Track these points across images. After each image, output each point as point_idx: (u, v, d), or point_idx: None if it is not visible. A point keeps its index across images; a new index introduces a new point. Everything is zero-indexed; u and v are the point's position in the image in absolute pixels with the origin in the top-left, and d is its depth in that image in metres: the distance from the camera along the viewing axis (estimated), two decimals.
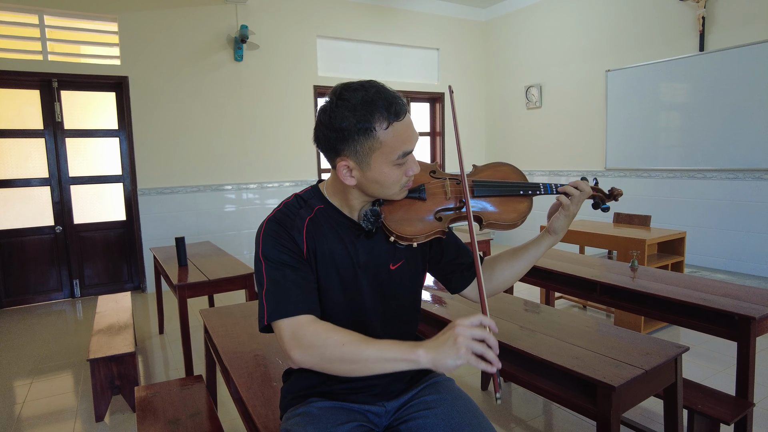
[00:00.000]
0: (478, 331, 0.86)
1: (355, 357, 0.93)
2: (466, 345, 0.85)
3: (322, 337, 0.96)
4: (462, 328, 0.87)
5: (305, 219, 1.07)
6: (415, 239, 1.06)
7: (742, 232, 4.32)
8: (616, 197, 1.24)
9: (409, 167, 1.03)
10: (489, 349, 0.85)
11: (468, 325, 0.87)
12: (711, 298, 1.98)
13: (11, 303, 4.50)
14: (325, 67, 5.74)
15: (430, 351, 0.88)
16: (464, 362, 0.85)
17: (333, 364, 0.95)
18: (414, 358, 0.89)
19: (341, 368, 0.95)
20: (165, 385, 1.95)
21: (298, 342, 0.97)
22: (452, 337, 0.87)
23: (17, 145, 4.45)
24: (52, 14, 4.41)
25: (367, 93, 0.96)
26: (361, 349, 0.93)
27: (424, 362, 0.88)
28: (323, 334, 0.96)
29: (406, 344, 0.92)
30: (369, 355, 0.92)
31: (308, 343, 0.96)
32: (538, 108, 6.19)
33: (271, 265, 1.03)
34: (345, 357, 0.93)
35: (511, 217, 1.14)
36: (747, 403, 1.83)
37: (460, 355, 0.85)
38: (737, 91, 4.22)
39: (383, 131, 0.96)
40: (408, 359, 0.90)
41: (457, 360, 0.85)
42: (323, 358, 0.95)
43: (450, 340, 0.86)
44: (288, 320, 0.99)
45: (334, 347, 0.94)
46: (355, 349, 0.93)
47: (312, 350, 0.96)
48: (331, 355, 0.94)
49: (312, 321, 1.00)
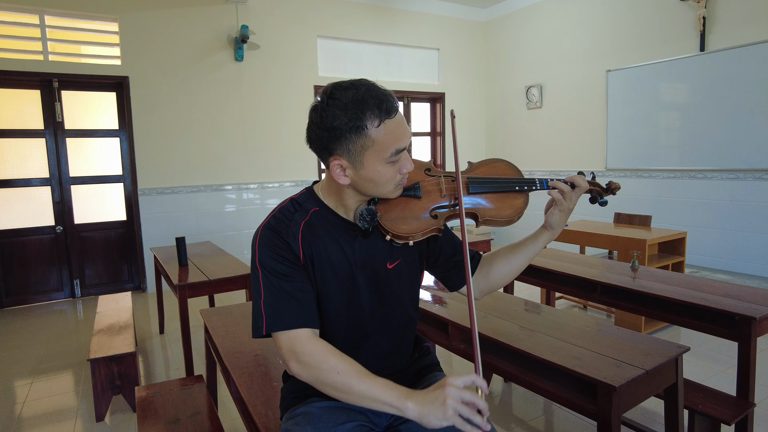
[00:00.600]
0: (468, 395, 0.86)
1: (346, 388, 0.95)
2: (454, 408, 0.85)
3: (318, 360, 0.97)
4: (452, 390, 0.86)
5: (300, 224, 1.06)
6: (411, 237, 1.06)
7: (742, 232, 4.32)
8: (614, 191, 1.23)
9: (402, 165, 1.03)
10: (477, 414, 0.85)
11: (459, 386, 0.87)
12: (712, 299, 1.98)
13: (12, 303, 4.50)
14: (326, 67, 5.74)
15: (419, 406, 0.89)
16: (450, 424, 0.85)
17: (325, 387, 0.98)
18: (402, 408, 0.90)
19: (332, 393, 0.98)
20: (165, 385, 1.95)
21: (295, 355, 0.99)
22: (442, 397, 0.87)
23: (18, 145, 4.45)
24: (52, 14, 4.41)
25: (357, 91, 0.96)
26: (354, 382, 0.94)
27: (411, 415, 0.89)
28: (320, 357, 0.98)
29: (397, 390, 0.92)
30: (359, 390, 0.94)
31: (305, 361, 0.98)
32: (538, 108, 6.19)
33: (268, 275, 1.03)
34: (337, 385, 0.96)
35: (507, 213, 1.14)
36: (748, 403, 1.82)
37: (447, 417, 0.85)
38: (738, 91, 4.21)
39: (375, 129, 0.96)
40: (395, 407, 0.91)
41: (443, 421, 0.86)
42: (317, 379, 0.98)
43: (439, 400, 0.87)
44: (286, 333, 1.00)
45: (328, 373, 0.96)
46: (347, 381, 0.95)
47: (308, 369, 0.98)
48: (324, 379, 0.97)
49: (310, 338, 1.00)
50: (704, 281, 2.25)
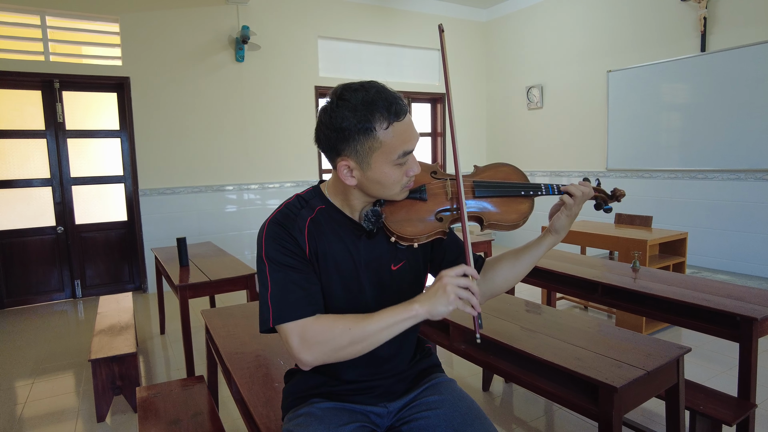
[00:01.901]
0: (463, 280, 0.96)
1: (363, 335, 0.98)
2: (455, 292, 0.95)
3: (328, 331, 0.99)
4: (449, 278, 0.96)
5: (306, 219, 1.07)
6: (416, 240, 1.06)
7: (743, 233, 4.31)
8: (619, 198, 1.23)
9: (409, 167, 1.03)
10: (473, 295, 0.95)
11: (454, 275, 0.97)
12: (713, 299, 1.97)
13: (13, 303, 4.51)
14: (326, 67, 5.74)
15: (425, 302, 0.97)
16: (454, 307, 0.95)
17: (345, 350, 0.99)
18: (413, 313, 0.97)
19: (353, 351, 1.00)
20: (166, 385, 1.95)
21: (306, 343, 0.99)
22: (441, 287, 0.96)
23: (19, 146, 4.45)
24: (53, 15, 4.42)
25: (367, 93, 0.97)
26: (365, 326, 0.98)
27: (422, 313, 0.97)
28: (328, 327, 1.00)
29: (402, 304, 0.99)
30: (374, 328, 0.98)
31: (316, 340, 0.99)
32: (539, 108, 6.19)
33: (275, 267, 1.03)
34: (354, 339, 0.98)
35: (512, 217, 1.14)
36: (749, 404, 1.82)
37: (450, 301, 0.95)
38: (739, 92, 4.21)
39: (383, 131, 0.97)
40: (408, 316, 0.97)
41: (448, 306, 0.95)
42: (334, 348, 0.99)
43: (440, 290, 0.96)
44: (294, 323, 1.00)
45: (341, 336, 0.98)
46: (360, 329, 0.98)
47: (321, 346, 0.99)
48: (341, 343, 0.98)
49: (316, 319, 1.01)
50: (705, 282, 2.24)
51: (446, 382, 1.20)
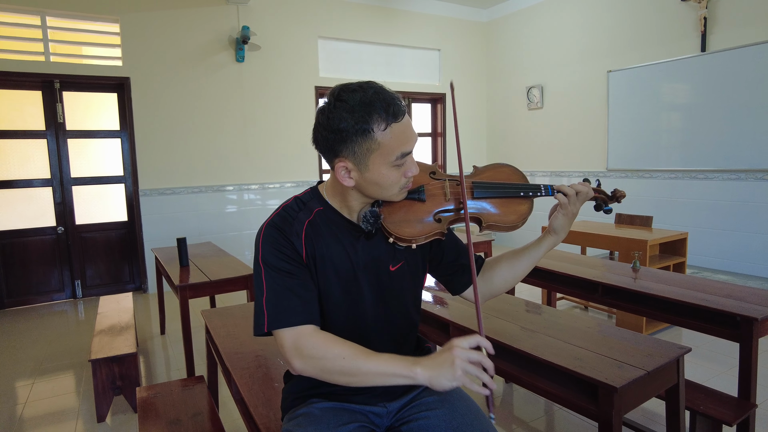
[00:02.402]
0: (475, 354, 0.90)
1: (354, 371, 0.96)
2: (463, 367, 0.89)
3: (322, 350, 0.98)
4: (459, 351, 0.90)
5: (304, 223, 1.06)
6: (414, 240, 1.06)
7: (744, 233, 4.31)
8: (619, 199, 1.23)
9: (407, 168, 1.03)
10: (484, 372, 0.89)
11: (465, 347, 0.91)
12: (713, 299, 1.97)
13: (13, 303, 4.51)
14: (327, 67, 5.75)
15: (428, 370, 0.92)
16: (460, 384, 0.89)
17: (332, 375, 0.98)
18: (411, 375, 0.93)
19: (340, 380, 0.98)
20: (166, 385, 1.95)
21: (298, 352, 0.99)
22: (450, 359, 0.90)
23: (19, 146, 4.46)
24: (54, 15, 4.42)
25: (365, 94, 0.96)
26: (360, 363, 0.95)
27: (421, 380, 0.92)
28: (324, 346, 0.98)
29: (405, 360, 0.95)
30: (368, 369, 0.95)
31: (309, 354, 0.98)
32: (539, 109, 6.19)
33: (271, 272, 1.03)
34: (344, 370, 0.96)
35: (511, 218, 1.14)
36: (749, 404, 1.82)
37: (456, 377, 0.89)
38: (739, 92, 4.21)
39: (381, 132, 0.96)
40: (405, 376, 0.93)
41: (453, 381, 0.89)
42: (323, 369, 0.98)
43: (447, 362, 0.90)
44: (289, 330, 1.00)
45: (334, 360, 0.96)
46: (354, 363, 0.96)
47: (312, 361, 0.98)
48: (331, 367, 0.97)
49: (313, 332, 1.01)
50: (705, 282, 2.24)
51: None
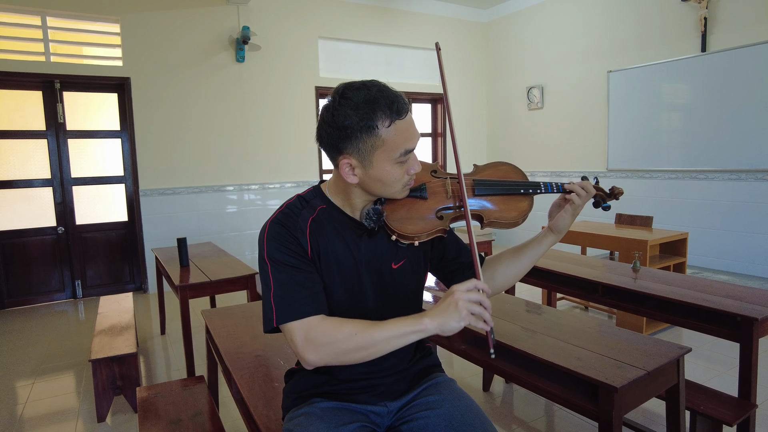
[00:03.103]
0: (475, 295, 0.95)
1: (369, 343, 0.97)
2: (467, 308, 0.93)
3: (333, 333, 0.99)
4: (460, 293, 0.95)
5: (308, 219, 1.07)
6: (416, 238, 1.07)
7: (744, 233, 4.31)
8: (617, 196, 1.25)
9: (410, 165, 1.04)
10: (485, 310, 0.94)
11: (465, 290, 0.95)
12: (713, 299, 1.97)
13: (13, 303, 4.51)
14: (327, 67, 5.75)
15: (435, 317, 0.95)
16: (466, 323, 0.94)
17: (348, 355, 0.99)
18: (422, 327, 0.96)
19: (357, 357, 0.99)
20: (167, 385, 1.95)
21: (311, 343, 0.99)
22: (453, 302, 0.94)
23: (20, 146, 4.46)
24: (54, 15, 4.43)
25: (369, 92, 0.97)
26: (372, 333, 0.97)
27: (431, 328, 0.95)
28: (334, 329, 0.99)
29: (412, 317, 0.98)
30: (380, 336, 0.97)
31: (321, 342, 0.99)
32: (539, 109, 6.19)
33: (277, 267, 1.03)
34: (359, 345, 0.98)
35: (512, 215, 1.15)
36: (750, 404, 1.82)
37: (462, 317, 0.93)
38: (739, 92, 4.21)
39: (385, 129, 0.98)
40: (417, 330, 0.96)
41: (460, 322, 0.93)
42: (338, 352, 0.99)
43: (452, 305, 0.94)
44: (299, 322, 1.00)
45: (347, 340, 0.98)
46: (367, 336, 0.97)
47: (326, 348, 0.99)
48: (346, 347, 0.98)
49: (321, 320, 1.01)
50: (706, 282, 2.24)
51: (446, 382, 1.20)
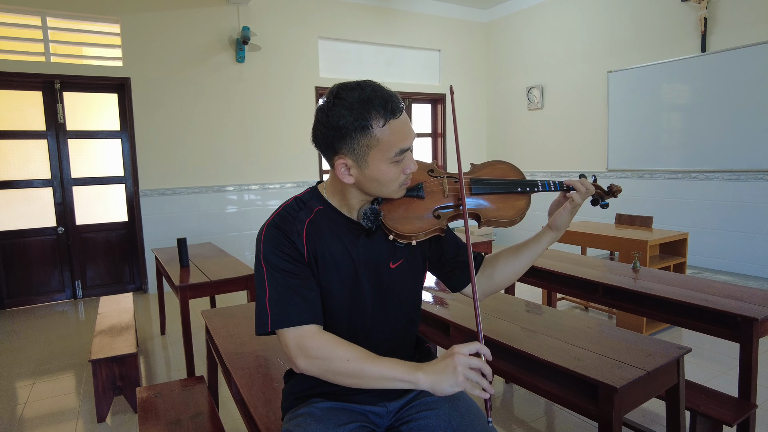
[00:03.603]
0: (475, 361, 0.93)
1: (358, 373, 0.97)
2: (464, 374, 0.91)
3: (327, 351, 0.99)
4: (460, 357, 0.93)
5: (305, 222, 1.07)
6: (414, 237, 1.07)
7: (744, 234, 4.31)
8: (615, 194, 1.25)
9: (406, 165, 1.04)
10: (484, 378, 0.92)
11: (466, 354, 0.93)
12: (713, 300, 1.97)
13: (13, 304, 4.51)
14: (327, 68, 5.75)
15: (430, 375, 0.93)
16: (461, 389, 0.91)
17: (336, 377, 0.99)
18: (414, 380, 0.94)
19: (344, 381, 0.99)
20: (166, 385, 1.95)
21: (303, 351, 1.00)
22: (452, 365, 0.92)
23: (20, 147, 4.46)
24: (54, 16, 4.43)
25: (363, 92, 0.97)
26: (365, 366, 0.97)
27: (423, 385, 0.94)
28: (328, 347, 0.99)
29: (407, 366, 0.96)
30: (371, 372, 0.97)
31: (313, 354, 0.99)
32: (539, 109, 6.19)
33: (273, 272, 1.03)
34: (348, 372, 0.98)
35: (509, 214, 1.15)
36: (750, 404, 1.82)
37: (458, 383, 0.91)
38: (739, 92, 4.21)
39: (380, 129, 0.98)
40: (408, 380, 0.95)
41: (455, 387, 0.91)
42: (327, 370, 0.99)
43: (450, 368, 0.92)
44: (292, 329, 1.01)
45: (338, 362, 0.98)
46: (358, 366, 0.97)
47: (317, 362, 0.99)
48: (336, 369, 0.98)
49: (317, 332, 1.01)
50: (706, 282, 2.24)
51: None
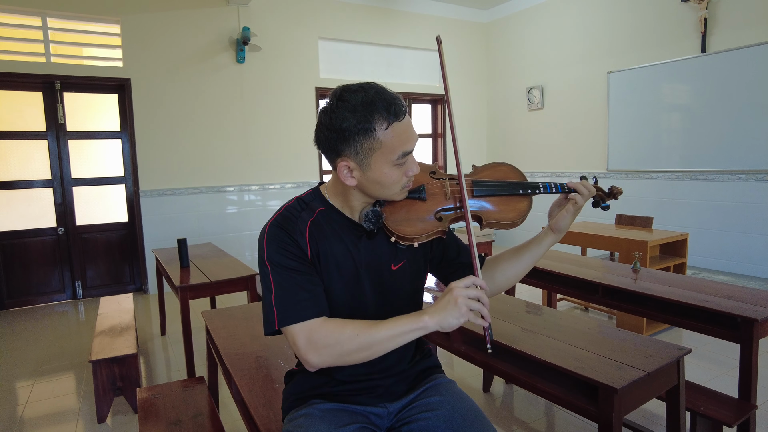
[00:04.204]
0: (473, 291, 0.96)
1: (370, 342, 0.98)
2: (465, 304, 0.94)
3: (335, 335, 1.00)
4: (459, 290, 0.96)
5: (307, 222, 1.07)
6: (415, 239, 1.07)
7: (744, 234, 4.31)
8: (616, 196, 1.25)
9: (408, 167, 1.04)
10: (483, 306, 0.95)
11: (464, 287, 0.96)
12: (713, 300, 1.97)
13: (14, 304, 4.51)
14: (327, 68, 5.75)
15: (435, 314, 0.96)
16: (465, 319, 0.95)
17: (351, 356, 1.00)
18: (422, 324, 0.97)
19: (359, 357, 1.00)
20: (167, 386, 1.95)
21: (313, 345, 1.00)
22: (452, 299, 0.95)
23: (20, 147, 4.46)
24: (55, 16, 4.43)
25: (366, 94, 0.98)
26: (373, 333, 0.98)
27: (431, 325, 0.97)
28: (336, 331, 1.00)
29: (411, 315, 0.99)
30: (381, 336, 0.98)
31: (323, 343, 1.00)
32: (539, 109, 6.19)
33: (278, 270, 1.03)
34: (361, 346, 0.99)
35: (510, 216, 1.15)
36: (750, 405, 1.82)
37: (461, 314, 0.94)
38: (739, 93, 4.21)
39: (383, 131, 0.98)
40: (417, 327, 0.97)
41: (460, 318, 0.94)
42: (341, 353, 1.00)
43: (451, 303, 0.95)
44: (300, 325, 1.01)
45: (349, 341, 0.99)
46: (368, 336, 0.98)
47: (329, 349, 1.00)
48: (348, 348, 0.99)
49: (323, 322, 1.02)
50: (706, 283, 2.24)
51: (446, 383, 1.20)
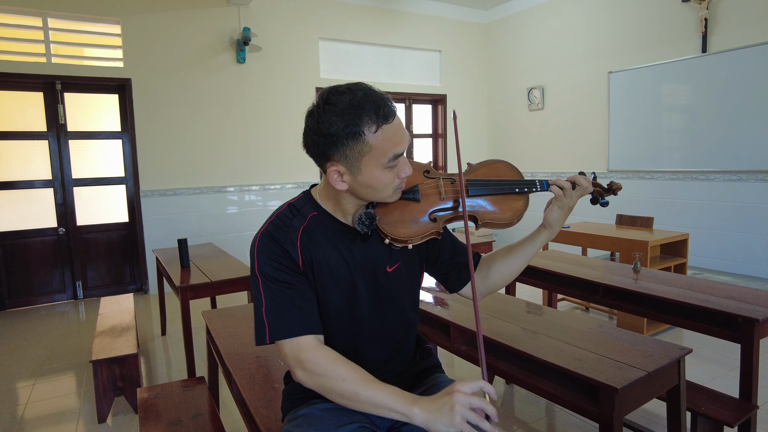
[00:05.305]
0: (477, 401, 0.85)
1: (353, 396, 0.95)
2: (462, 414, 0.84)
3: (324, 368, 0.97)
4: (461, 396, 0.86)
5: (298, 230, 1.05)
6: (410, 241, 1.05)
7: (745, 234, 4.31)
8: (615, 191, 1.23)
9: (400, 169, 1.02)
10: (484, 420, 0.85)
11: (467, 393, 0.87)
12: (714, 300, 1.97)
13: (14, 304, 4.51)
14: (328, 69, 5.75)
15: (425, 412, 0.88)
16: (458, 431, 0.85)
17: (331, 395, 0.98)
18: (408, 414, 0.90)
19: (337, 400, 0.98)
20: (167, 386, 1.95)
21: (300, 364, 0.99)
22: (450, 403, 0.86)
23: (21, 147, 4.46)
24: (55, 17, 4.43)
25: (354, 96, 0.94)
26: (360, 389, 0.94)
27: (418, 421, 0.89)
28: (326, 364, 0.98)
29: (404, 397, 0.92)
30: (366, 398, 0.94)
31: (311, 368, 0.98)
32: (540, 110, 6.19)
33: (269, 283, 1.02)
34: (343, 393, 0.96)
35: (507, 215, 1.13)
36: (751, 405, 1.82)
37: (454, 424, 0.85)
38: (740, 93, 4.21)
39: (372, 135, 0.95)
40: (402, 413, 0.90)
41: (451, 428, 0.85)
42: (323, 387, 0.98)
43: (447, 406, 0.86)
44: (290, 341, 1.00)
45: (334, 381, 0.96)
46: (353, 389, 0.95)
47: (314, 377, 0.98)
48: (331, 387, 0.97)
49: (314, 346, 1.00)
50: (707, 283, 2.24)
51: (447, 383, 1.19)
